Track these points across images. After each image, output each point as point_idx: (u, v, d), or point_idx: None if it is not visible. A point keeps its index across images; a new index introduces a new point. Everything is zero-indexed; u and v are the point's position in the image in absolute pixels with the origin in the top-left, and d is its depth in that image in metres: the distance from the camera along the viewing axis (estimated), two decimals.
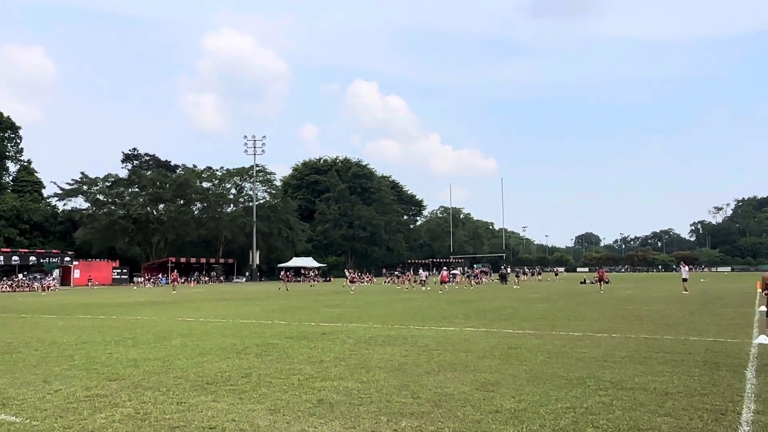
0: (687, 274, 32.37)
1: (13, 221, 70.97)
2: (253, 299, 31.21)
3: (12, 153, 79.42)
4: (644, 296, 28.68)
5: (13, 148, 79.57)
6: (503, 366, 9.07)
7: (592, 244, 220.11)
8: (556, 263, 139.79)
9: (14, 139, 79.43)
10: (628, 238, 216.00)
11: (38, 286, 53.54)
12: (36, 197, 77.05)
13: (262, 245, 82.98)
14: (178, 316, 19.73)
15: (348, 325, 15.75)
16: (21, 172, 79.37)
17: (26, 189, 76.67)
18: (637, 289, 36.98)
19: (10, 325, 17.26)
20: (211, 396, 7.16)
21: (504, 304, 23.93)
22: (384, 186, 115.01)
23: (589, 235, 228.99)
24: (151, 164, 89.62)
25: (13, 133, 79.15)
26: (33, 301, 32.95)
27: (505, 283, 51.54)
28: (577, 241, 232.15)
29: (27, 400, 7.04)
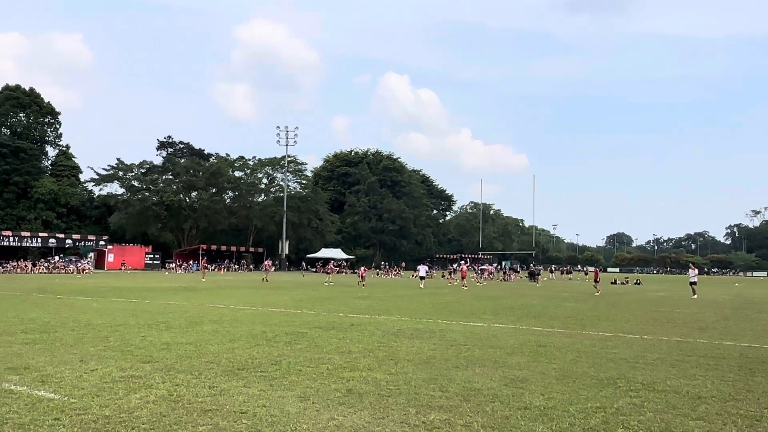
0: (696, 277, 31.10)
1: (51, 205, 72.61)
2: (282, 288, 31.50)
3: (51, 138, 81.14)
4: (676, 298, 28.20)
5: (53, 133, 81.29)
6: (532, 363, 9.02)
7: (624, 245, 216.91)
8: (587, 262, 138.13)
9: (54, 124, 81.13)
10: (661, 240, 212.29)
11: (73, 268, 54.77)
12: (73, 182, 78.65)
13: (292, 235, 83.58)
14: (209, 303, 20.03)
15: (376, 318, 15.82)
16: (59, 157, 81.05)
17: (64, 173, 78.29)
18: (669, 291, 36.40)
19: (47, 306, 17.71)
20: (242, 381, 7.27)
21: (532, 302, 23.77)
22: (414, 180, 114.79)
23: (621, 235, 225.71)
24: (185, 152, 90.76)
25: (53, 118, 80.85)
26: (69, 283, 33.75)
27: (534, 280, 51.14)
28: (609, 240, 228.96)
29: (65, 378, 7.23)
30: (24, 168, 72.02)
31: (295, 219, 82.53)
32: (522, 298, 26.77)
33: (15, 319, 13.60)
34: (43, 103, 78.96)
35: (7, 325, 12.42)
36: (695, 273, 31.75)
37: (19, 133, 76.21)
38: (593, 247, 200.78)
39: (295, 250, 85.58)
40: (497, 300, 24.80)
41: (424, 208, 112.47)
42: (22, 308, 16.69)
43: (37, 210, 71.53)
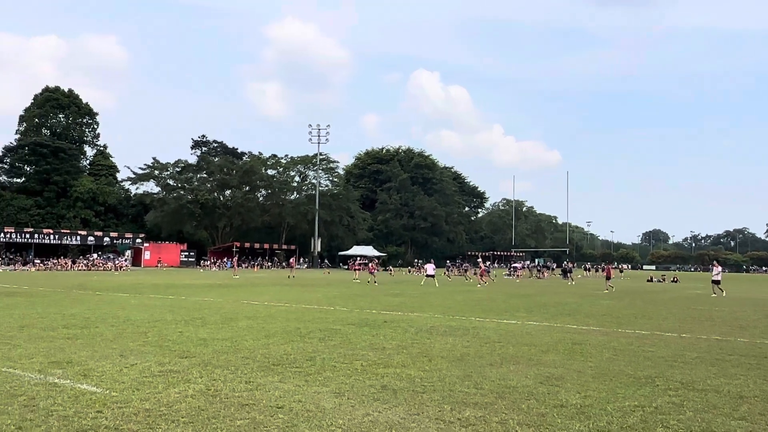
0: (719, 275, 29.20)
1: (89, 203, 74.29)
2: (314, 285, 31.72)
3: (89, 138, 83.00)
4: (715, 296, 27.58)
5: (91, 134, 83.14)
6: (567, 361, 8.93)
7: (660, 242, 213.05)
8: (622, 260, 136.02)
9: (92, 124, 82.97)
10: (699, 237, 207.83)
11: (111, 266, 55.93)
12: (111, 181, 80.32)
13: (324, 233, 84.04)
14: (243, 299, 20.27)
15: (409, 314, 15.83)
16: (97, 157, 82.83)
17: (102, 173, 79.99)
18: (707, 289, 35.58)
19: (87, 302, 18.14)
20: (278, 377, 7.35)
21: (566, 300, 23.51)
22: (446, 177, 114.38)
23: (657, 231, 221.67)
24: (218, 151, 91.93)
25: (91, 118, 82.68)
26: (107, 279, 34.49)
27: (567, 278, 50.55)
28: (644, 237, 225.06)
29: (106, 373, 7.40)
30: (64, 168, 73.80)
31: (327, 217, 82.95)
32: (556, 295, 26.49)
33: (57, 315, 13.95)
34: (81, 104, 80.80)
35: (49, 321, 12.75)
36: (719, 270, 29.67)
37: (59, 133, 78.12)
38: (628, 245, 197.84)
39: (327, 247, 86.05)
40: (531, 297, 24.59)
41: (455, 206, 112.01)
42: (64, 304, 17.12)
43: (76, 208, 73.27)
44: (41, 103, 77.78)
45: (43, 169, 72.82)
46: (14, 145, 76.11)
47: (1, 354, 8.56)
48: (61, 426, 5.21)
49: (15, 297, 19.66)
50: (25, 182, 74.81)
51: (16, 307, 16.03)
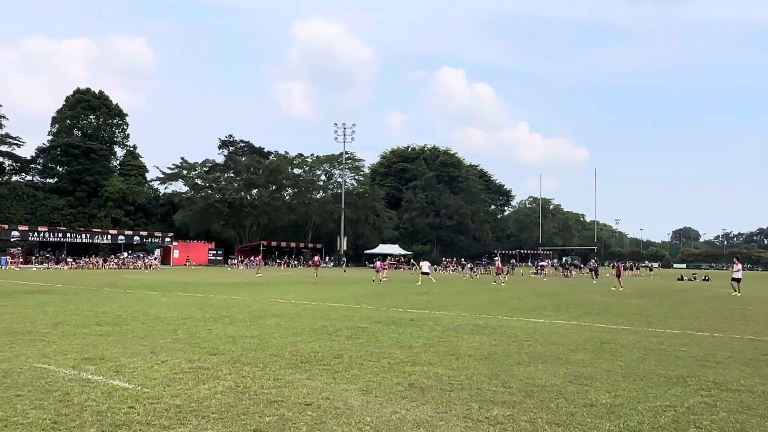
0: (740, 273, 27.92)
1: (119, 203, 75.55)
2: (340, 284, 31.83)
3: (119, 138, 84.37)
4: (748, 295, 27.02)
5: (121, 134, 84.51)
6: (596, 360, 8.84)
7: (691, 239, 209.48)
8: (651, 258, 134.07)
9: (121, 125, 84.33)
10: (731, 234, 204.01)
11: (141, 264, 56.81)
12: (140, 181, 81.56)
13: (350, 231, 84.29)
14: (271, 298, 20.43)
15: (435, 313, 15.80)
16: (127, 157, 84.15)
17: (132, 173, 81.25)
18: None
19: (118, 300, 18.44)
20: (306, 374, 7.40)
21: (594, 298, 23.25)
22: (472, 175, 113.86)
23: (688, 229, 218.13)
24: (245, 150, 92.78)
25: (121, 119, 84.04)
26: (137, 278, 35.03)
27: (596, 277, 49.98)
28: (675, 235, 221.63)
29: (137, 369, 7.53)
30: (95, 168, 75.14)
31: (352, 215, 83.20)
32: (584, 294, 26.21)
33: (89, 313, 14.21)
34: (111, 105, 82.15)
35: (82, 318, 13.00)
36: (739, 268, 28.36)
37: (90, 134, 79.54)
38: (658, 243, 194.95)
39: (353, 246, 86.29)
40: (558, 296, 24.37)
41: (482, 204, 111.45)
42: (95, 302, 17.43)
43: (107, 208, 74.56)
44: (73, 105, 79.26)
45: (75, 170, 74.24)
46: (47, 146, 77.73)
47: (37, 350, 8.76)
48: (95, 421, 5.31)
49: (49, 295, 20.08)
50: (58, 182, 76.37)
51: (50, 304, 16.37)
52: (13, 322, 12.04)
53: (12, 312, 14.12)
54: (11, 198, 70.79)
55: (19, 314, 13.68)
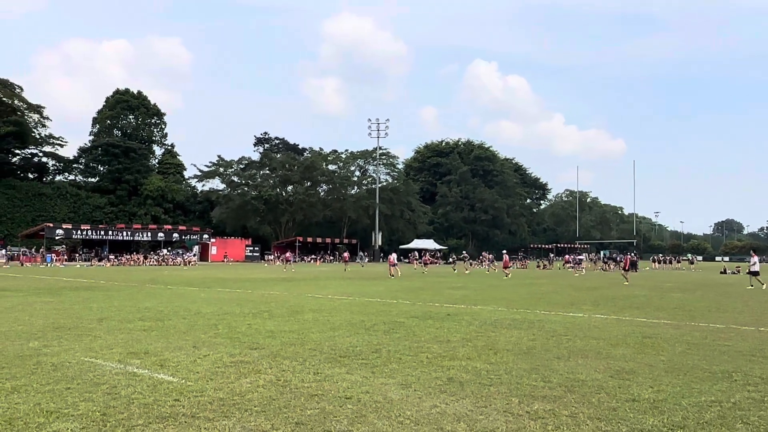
0: (757, 265, 26.88)
1: (158, 201, 77.11)
2: (376, 279, 31.93)
3: (158, 138, 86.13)
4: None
5: (159, 133, 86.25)
6: (638, 355, 8.71)
7: (734, 232, 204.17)
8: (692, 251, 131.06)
9: (160, 125, 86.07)
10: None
11: (180, 260, 57.87)
12: (178, 179, 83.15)
13: (384, 227, 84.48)
14: (308, 293, 20.62)
15: (472, 308, 15.75)
16: (165, 155, 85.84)
17: (170, 171, 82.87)
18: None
19: (160, 296, 18.84)
20: (345, 368, 7.46)
21: (635, 292, 22.86)
22: (507, 169, 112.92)
23: (731, 221, 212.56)
24: (280, 147, 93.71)
25: (159, 119, 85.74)
26: (177, 274, 35.70)
27: (635, 270, 49.17)
28: (717, 228, 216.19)
29: (181, 363, 7.69)
30: (134, 167, 76.80)
31: (387, 211, 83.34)
32: (623, 288, 25.80)
33: (132, 308, 14.55)
34: (149, 105, 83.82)
35: (126, 314, 13.32)
36: (755, 260, 27.31)
37: (129, 134, 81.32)
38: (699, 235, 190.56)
39: (388, 241, 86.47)
40: (596, 290, 24.04)
41: (517, 198, 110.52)
42: (138, 298, 17.84)
43: (146, 206, 76.17)
44: (112, 105, 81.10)
45: (116, 169, 76.00)
46: (88, 146, 79.75)
47: (84, 345, 9.01)
48: (142, 413, 5.45)
49: (93, 291, 20.62)
50: (99, 181, 78.31)
51: (94, 300, 16.81)
52: (60, 318, 12.41)
53: (59, 308, 14.54)
54: (55, 197, 72.82)
55: (66, 310, 14.09)
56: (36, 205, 70.87)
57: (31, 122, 73.63)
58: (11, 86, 71.66)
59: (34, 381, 6.60)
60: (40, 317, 12.50)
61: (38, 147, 77.03)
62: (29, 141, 74.40)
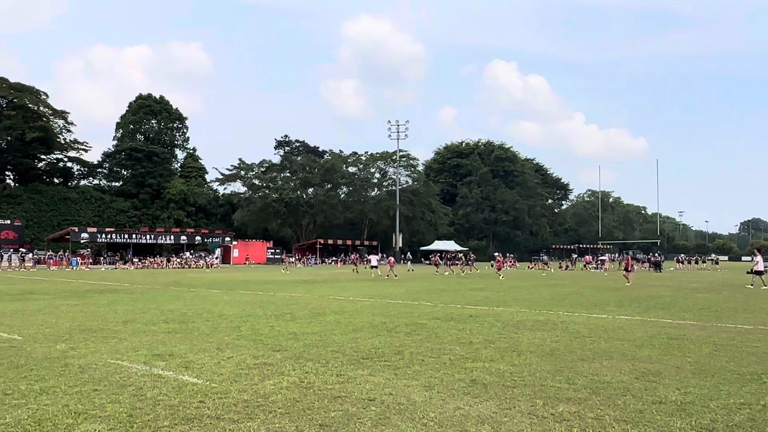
0: (762, 265, 26.04)
1: (181, 204, 77.89)
2: (397, 280, 31.91)
3: (180, 142, 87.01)
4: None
5: (181, 138, 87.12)
6: (664, 356, 8.60)
7: (761, 231, 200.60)
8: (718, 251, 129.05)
9: (182, 129, 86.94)
10: None
11: (203, 263, 58.35)
12: (200, 182, 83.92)
13: (405, 228, 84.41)
14: (329, 295, 20.67)
15: (494, 309, 15.68)
16: (187, 159, 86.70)
17: (192, 174, 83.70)
18: None
19: (183, 298, 19.02)
20: (368, 370, 7.47)
21: (659, 293, 22.58)
22: (528, 169, 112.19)
23: (757, 221, 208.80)
24: (301, 150, 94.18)
25: (181, 123, 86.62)
26: (200, 276, 36.01)
27: (659, 271, 48.58)
28: (743, 227, 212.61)
29: (205, 365, 7.75)
30: (157, 171, 77.71)
31: (407, 212, 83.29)
32: (648, 288, 25.50)
33: (156, 311, 14.71)
34: (171, 110, 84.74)
35: (150, 316, 13.47)
36: (758, 260, 26.46)
37: (152, 138, 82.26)
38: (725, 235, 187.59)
39: (408, 242, 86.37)
40: (620, 291, 23.78)
41: (538, 198, 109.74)
42: (162, 300, 18.03)
43: (169, 209, 76.98)
44: (135, 110, 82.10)
45: (139, 173, 76.97)
46: (112, 150, 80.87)
47: (110, 347, 9.13)
48: (167, 414, 5.51)
49: (118, 294, 20.88)
50: (123, 185, 79.36)
51: (119, 303, 17.02)
52: (86, 320, 12.58)
53: (85, 310, 14.75)
54: (80, 201, 73.91)
55: (92, 312, 14.29)
56: (62, 209, 71.99)
57: (56, 128, 74.80)
58: (37, 93, 72.86)
59: (62, 383, 6.70)
60: (67, 320, 12.69)
61: (63, 152, 78.27)
62: (55, 146, 75.64)
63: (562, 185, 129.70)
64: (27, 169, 74.05)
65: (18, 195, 70.07)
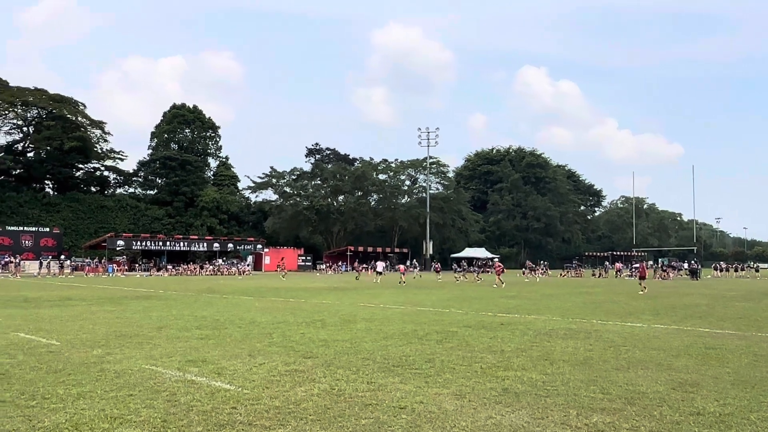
0: None
1: (213, 212, 78.87)
2: (428, 288, 31.81)
3: (213, 150, 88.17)
4: None
5: (214, 146, 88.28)
6: (701, 366, 8.40)
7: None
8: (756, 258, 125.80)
9: (214, 137, 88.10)
10: None
11: (235, 270, 58.95)
12: (232, 190, 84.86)
13: (436, 235, 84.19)
14: (359, 302, 20.69)
15: (526, 317, 15.51)
16: (220, 167, 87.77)
17: (224, 183, 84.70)
18: None
19: (216, 305, 19.24)
20: (398, 378, 7.45)
21: (696, 301, 22.10)
22: (559, 176, 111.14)
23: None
24: (331, 158, 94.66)
25: (214, 132, 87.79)
26: (232, 283, 36.39)
27: (696, 278, 47.55)
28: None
29: (237, 371, 7.82)
30: (191, 179, 78.89)
31: (438, 219, 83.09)
32: (684, 297, 24.97)
33: (190, 317, 14.90)
34: (204, 119, 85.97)
35: (184, 322, 13.65)
36: None
37: (186, 147, 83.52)
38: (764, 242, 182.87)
39: (439, 250, 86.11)
40: (656, 299, 23.34)
41: (570, 205, 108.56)
42: (195, 307, 18.26)
43: (202, 217, 77.99)
44: (170, 119, 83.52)
45: (173, 181, 78.23)
46: (147, 159, 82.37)
47: (144, 352, 9.27)
48: (200, 420, 5.57)
49: (152, 300, 21.21)
50: (157, 193, 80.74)
51: (153, 309, 17.29)
52: (122, 326, 12.81)
53: (120, 317, 15.02)
54: (116, 209, 75.38)
55: (127, 318, 14.54)
56: (98, 217, 73.49)
57: (93, 138, 76.49)
58: (75, 104, 74.67)
59: (98, 388, 6.82)
60: (103, 325, 12.93)
61: (100, 161, 79.96)
62: (92, 156, 77.35)
63: (594, 192, 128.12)
64: (65, 178, 75.80)
65: (57, 203, 71.77)
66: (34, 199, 70.68)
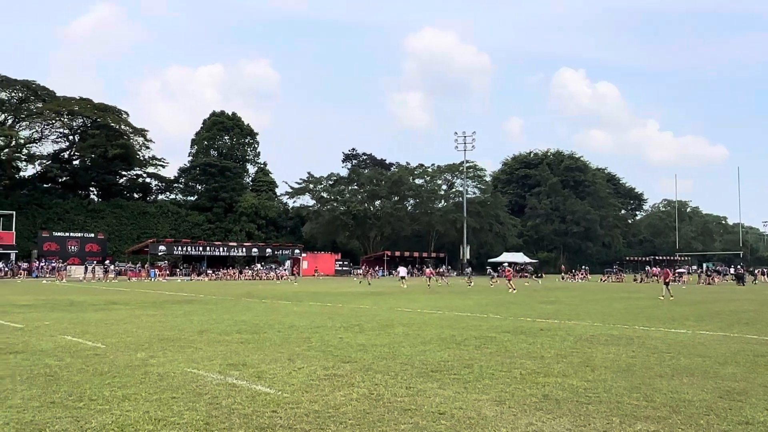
0: None
1: (252, 217, 79.96)
2: (465, 293, 31.64)
3: (251, 156, 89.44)
4: None
5: (252, 152, 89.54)
6: (750, 374, 8.16)
7: None
8: None
9: (253, 144, 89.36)
10: None
11: (273, 275, 59.58)
12: (270, 196, 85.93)
13: (473, 240, 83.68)
14: (397, 307, 20.69)
15: (566, 323, 15.29)
16: (258, 173, 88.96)
17: (263, 188, 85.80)
18: None
19: (255, 309, 19.47)
20: (437, 383, 7.42)
21: (743, 307, 21.48)
22: (599, 179, 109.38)
23: None
24: (368, 163, 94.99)
25: (252, 138, 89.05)
26: (270, 288, 36.78)
27: (742, 284, 46.23)
28: None
29: (277, 375, 7.90)
30: (230, 185, 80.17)
31: (475, 224, 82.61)
32: (730, 303, 24.30)
33: (230, 321, 15.11)
34: (243, 126, 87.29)
35: (224, 326, 13.85)
36: None
37: (225, 153, 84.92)
38: None
39: (476, 254, 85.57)
40: (700, 305, 22.76)
41: (610, 208, 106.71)
42: (235, 311, 18.51)
43: (241, 222, 79.14)
44: (209, 127, 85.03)
45: (213, 187, 79.63)
46: (187, 166, 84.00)
47: (186, 356, 9.43)
48: (242, 423, 5.64)
49: (193, 304, 21.57)
50: (198, 200, 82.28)
51: (194, 313, 17.58)
52: (164, 330, 13.06)
53: (162, 321, 15.31)
54: (158, 215, 77.07)
55: (169, 322, 14.82)
56: (141, 222, 75.22)
57: (136, 145, 78.40)
58: (118, 112, 76.66)
59: (142, 390, 6.97)
60: (146, 329, 13.21)
61: (143, 168, 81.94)
62: (134, 163, 79.30)
63: (635, 195, 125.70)
64: (109, 184, 77.84)
65: (101, 209, 73.71)
66: (79, 205, 72.77)
